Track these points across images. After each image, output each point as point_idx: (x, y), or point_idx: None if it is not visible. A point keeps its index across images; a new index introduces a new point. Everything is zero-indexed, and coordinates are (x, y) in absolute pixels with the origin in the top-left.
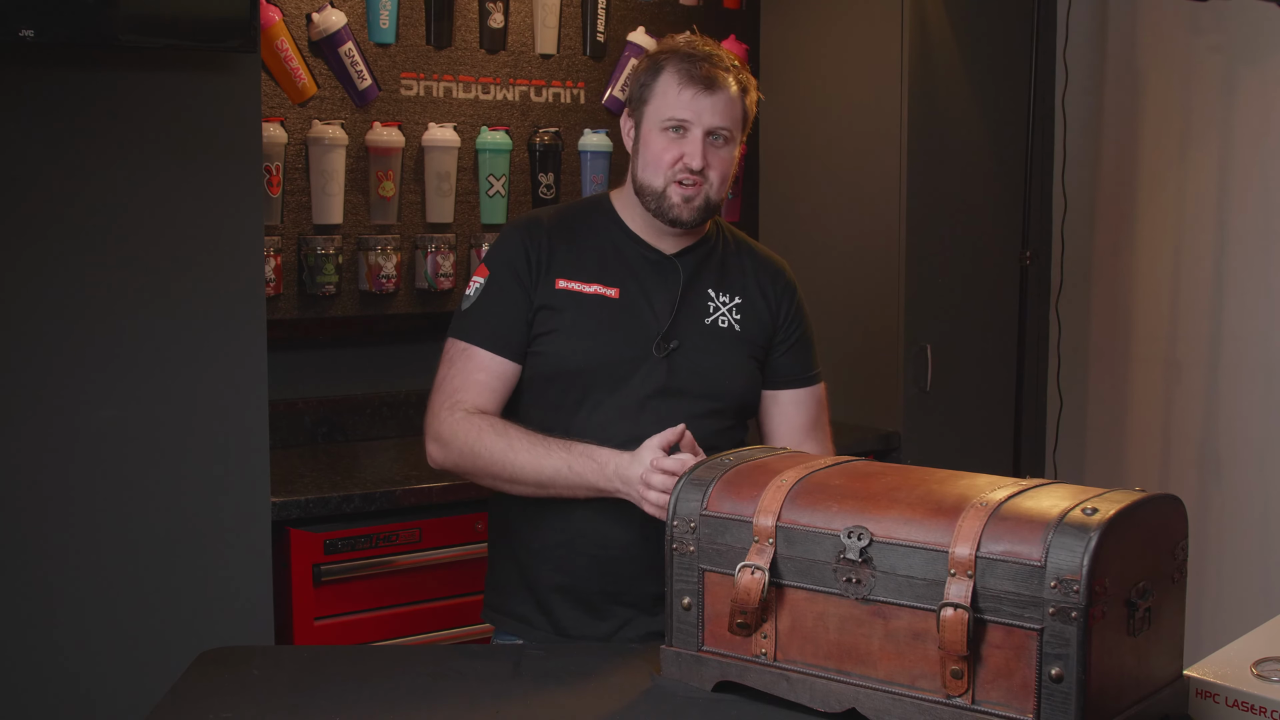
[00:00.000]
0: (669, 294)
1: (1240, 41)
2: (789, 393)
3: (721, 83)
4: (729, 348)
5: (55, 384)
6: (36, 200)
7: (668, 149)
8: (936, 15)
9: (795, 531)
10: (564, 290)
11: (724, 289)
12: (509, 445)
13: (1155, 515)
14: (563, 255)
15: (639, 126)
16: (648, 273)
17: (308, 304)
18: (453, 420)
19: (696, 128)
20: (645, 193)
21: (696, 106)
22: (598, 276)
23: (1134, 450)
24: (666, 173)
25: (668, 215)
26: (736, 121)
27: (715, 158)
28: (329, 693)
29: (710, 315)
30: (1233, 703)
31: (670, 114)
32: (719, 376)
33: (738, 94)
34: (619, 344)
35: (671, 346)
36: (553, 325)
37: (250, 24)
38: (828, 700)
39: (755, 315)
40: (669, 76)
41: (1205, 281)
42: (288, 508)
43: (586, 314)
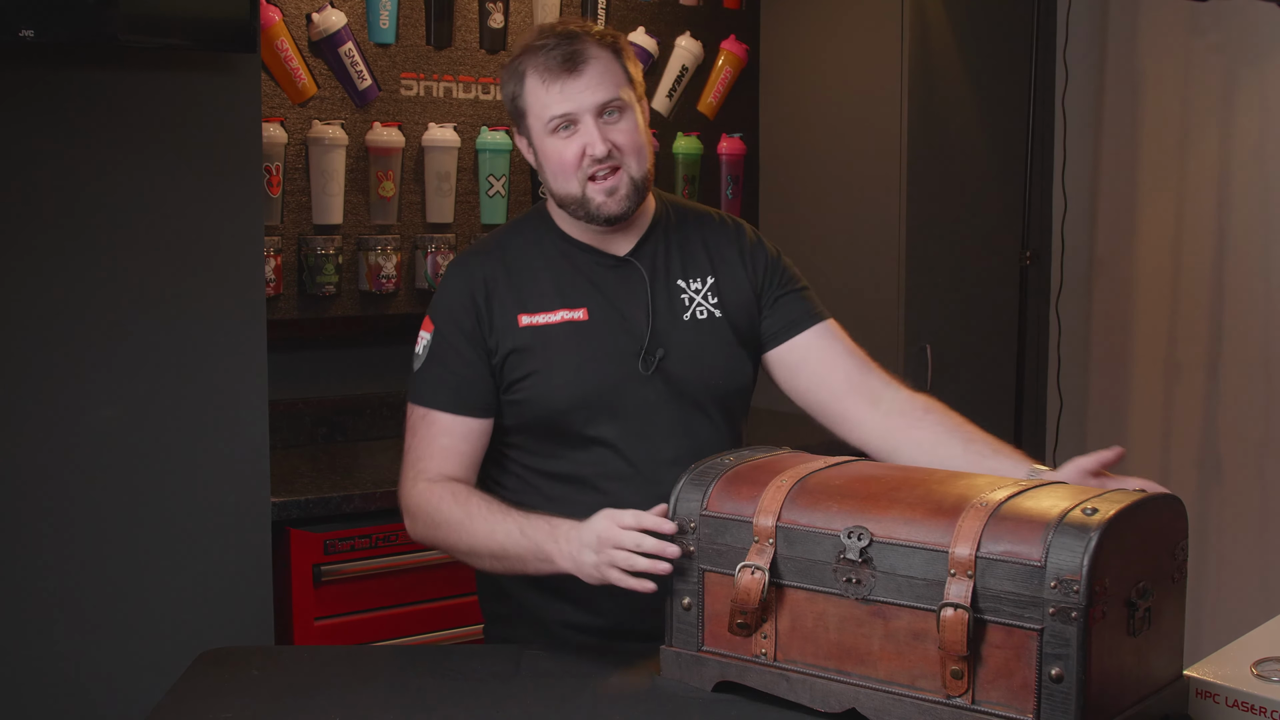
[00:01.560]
0: (638, 300)
1: (1240, 41)
2: (807, 334)
3: (585, 56)
4: (715, 342)
5: (55, 384)
6: (36, 200)
7: (566, 149)
8: (936, 15)
9: (795, 531)
10: (529, 327)
11: (692, 274)
12: (466, 514)
13: (1155, 515)
14: (516, 288)
15: (531, 141)
16: (609, 282)
17: (308, 304)
18: (416, 492)
19: (583, 113)
20: (568, 203)
21: (570, 93)
22: (560, 301)
23: (1134, 450)
24: (576, 174)
25: (600, 217)
26: (621, 85)
27: (617, 133)
28: (329, 693)
29: (687, 309)
30: (1233, 703)
31: (549, 114)
32: (716, 374)
33: (609, 58)
34: (604, 369)
35: (659, 357)
36: (528, 367)
37: (250, 24)
38: (828, 700)
39: (732, 289)
40: (532, 78)
41: (1205, 281)
42: (288, 508)
43: (560, 346)
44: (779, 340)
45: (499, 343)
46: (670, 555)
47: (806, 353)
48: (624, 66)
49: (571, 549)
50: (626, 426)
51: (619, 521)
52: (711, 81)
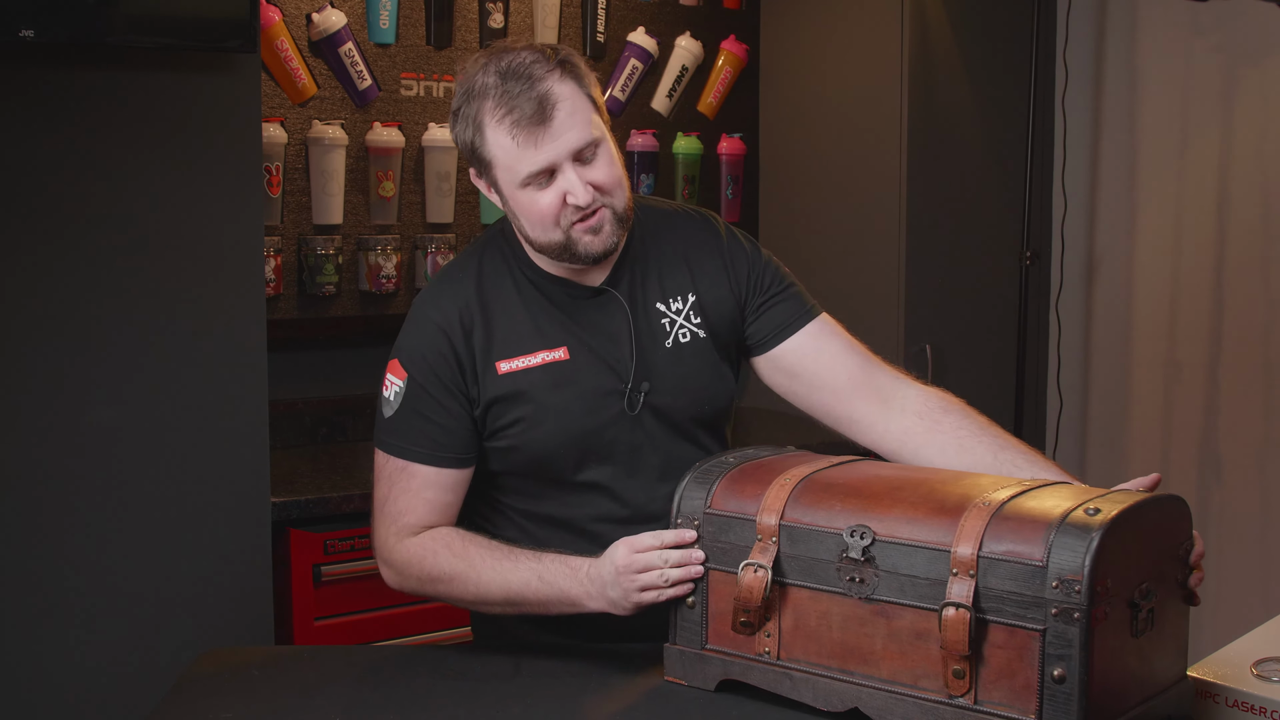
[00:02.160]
0: (620, 332)
1: (1240, 41)
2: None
3: (554, 99)
4: (699, 361)
5: (55, 384)
6: (36, 200)
7: (544, 199)
8: (936, 15)
9: (798, 530)
10: (510, 373)
11: (671, 294)
12: (469, 565)
13: (1159, 516)
14: (492, 332)
15: (499, 190)
16: (588, 316)
17: (308, 304)
18: (402, 548)
19: (561, 162)
20: (550, 250)
21: (544, 144)
22: (537, 342)
23: (1134, 450)
24: (561, 223)
25: (587, 258)
26: (591, 119)
27: (596, 173)
28: (329, 693)
29: (669, 334)
30: (1233, 703)
31: (525, 171)
32: (702, 399)
33: (573, 89)
34: (590, 411)
35: (644, 392)
36: (513, 414)
37: (250, 24)
38: (830, 699)
39: (714, 302)
40: (495, 131)
41: (1205, 281)
42: (288, 508)
43: (543, 389)
44: (769, 346)
45: (481, 392)
46: (697, 560)
47: (801, 355)
48: (587, 93)
49: (597, 589)
50: (617, 468)
51: (637, 547)
52: (711, 81)
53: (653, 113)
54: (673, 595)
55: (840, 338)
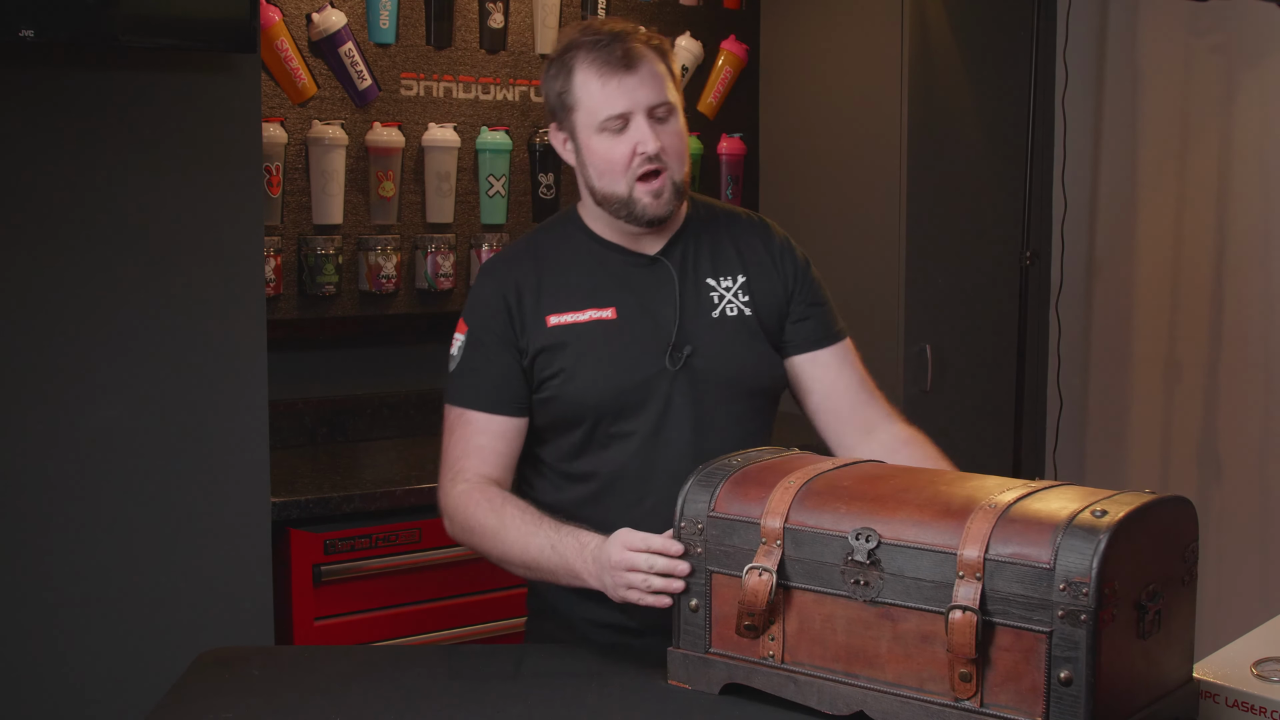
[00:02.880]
0: (667, 298)
1: (1240, 42)
2: (822, 353)
3: (640, 56)
4: (744, 337)
5: (56, 384)
6: (36, 200)
7: (616, 148)
8: (936, 15)
9: (803, 533)
10: (557, 326)
11: (722, 273)
12: (500, 524)
13: (1165, 517)
14: (546, 289)
15: (575, 137)
16: (639, 282)
17: (308, 304)
18: (455, 493)
19: (636, 113)
20: (610, 202)
21: (626, 89)
22: (589, 301)
23: (1134, 450)
24: (626, 174)
25: (642, 218)
26: (670, 89)
27: (665, 135)
28: (329, 693)
29: (717, 307)
30: (1233, 703)
31: (605, 111)
32: (743, 371)
33: (658, 59)
34: (631, 366)
35: (685, 354)
36: (556, 366)
37: (250, 24)
38: (835, 703)
39: (763, 289)
40: (585, 73)
41: (1205, 281)
42: (288, 508)
43: (588, 344)
44: (790, 353)
45: (529, 343)
46: (681, 574)
47: (822, 371)
48: (668, 66)
49: (596, 570)
50: (651, 424)
51: (630, 545)
52: (711, 81)
53: None
54: (651, 603)
55: (852, 369)
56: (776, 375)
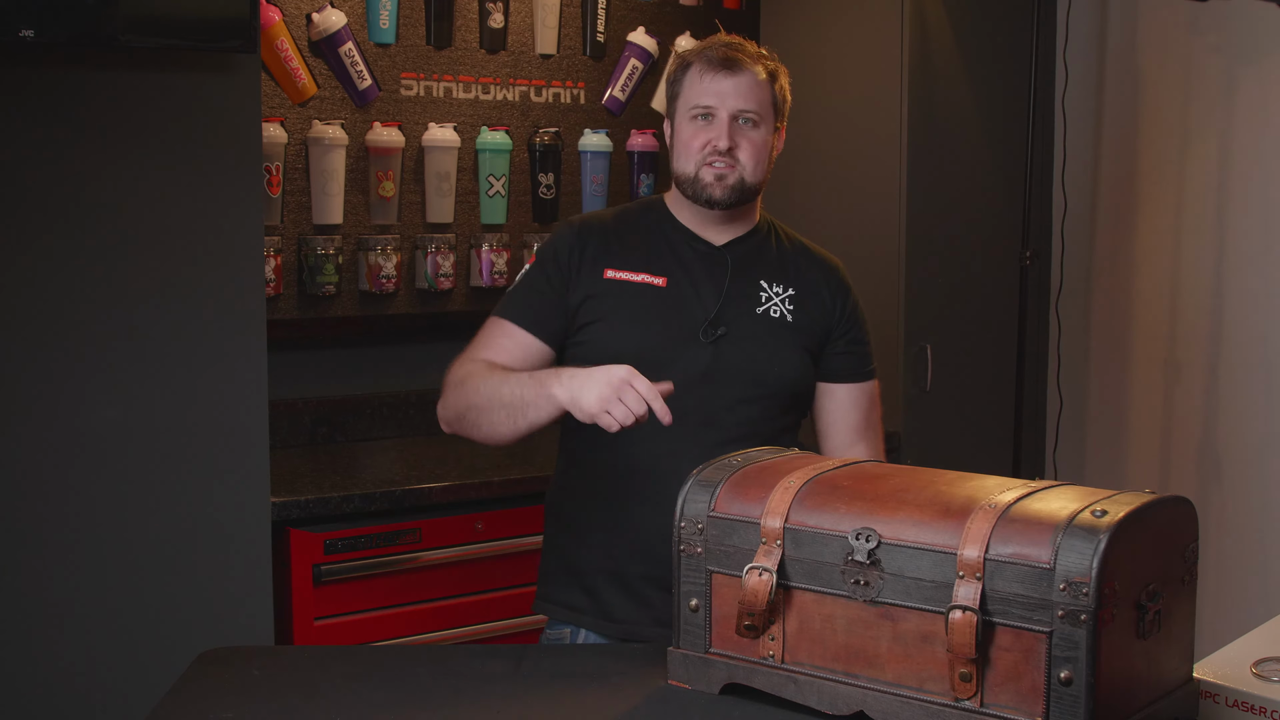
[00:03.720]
0: (717, 284)
1: (1240, 41)
2: (844, 388)
3: (744, 65)
4: (780, 337)
5: (56, 384)
6: (36, 200)
7: (696, 135)
8: (936, 15)
9: (803, 533)
10: (611, 279)
11: (777, 280)
12: (490, 372)
13: (1165, 517)
14: (612, 248)
15: (673, 122)
16: (696, 263)
17: (308, 304)
18: (457, 365)
19: (722, 111)
20: (681, 181)
21: (719, 89)
22: (645, 266)
23: (1134, 450)
24: (696, 157)
25: (702, 196)
26: (764, 104)
27: (744, 139)
28: (329, 693)
29: (762, 305)
30: (1233, 703)
31: (696, 101)
32: (767, 364)
33: (764, 78)
34: (665, 330)
35: (719, 333)
36: (599, 313)
37: (250, 24)
38: (835, 703)
39: (810, 309)
40: (695, 69)
41: (1205, 281)
42: (288, 508)
43: (633, 301)
44: (823, 379)
45: (581, 288)
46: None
47: (839, 403)
48: (773, 91)
49: (574, 382)
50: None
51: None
52: None
53: (653, 113)
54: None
55: (865, 411)
56: (805, 383)
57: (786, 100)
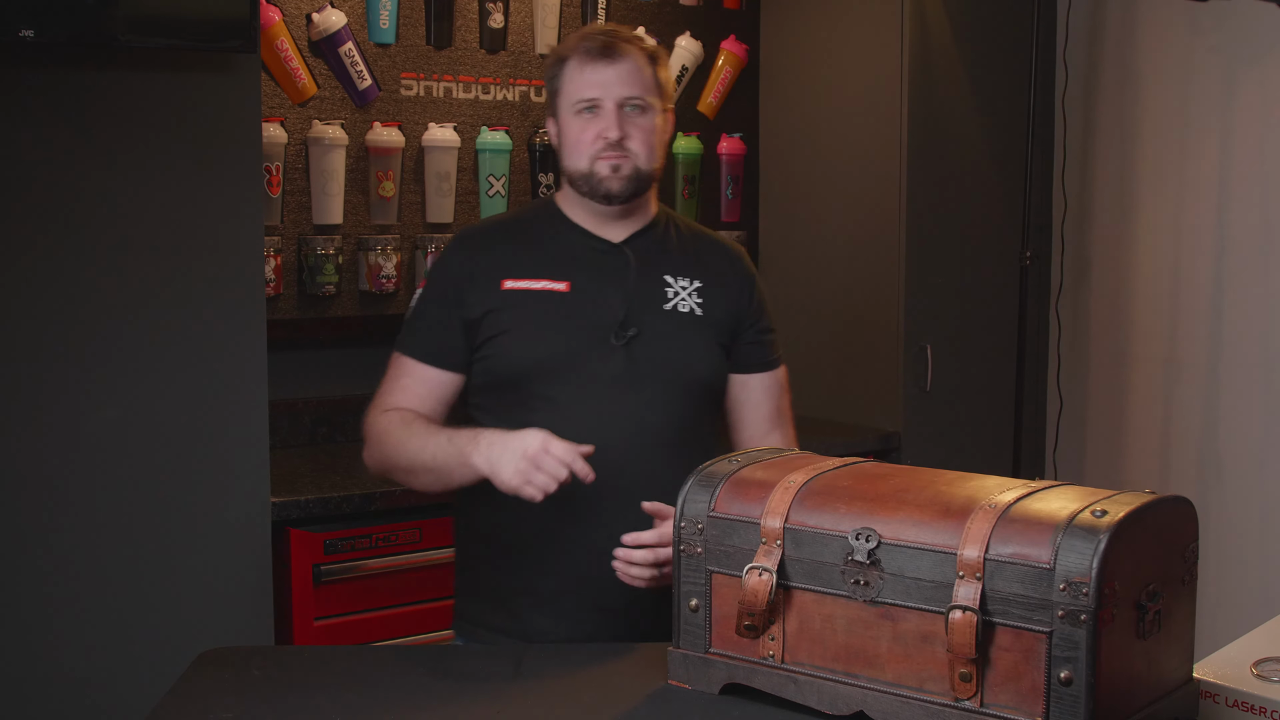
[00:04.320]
0: (622, 283)
1: (1240, 41)
2: (755, 378)
3: (623, 52)
4: (691, 332)
5: (56, 384)
6: (36, 200)
7: (584, 129)
8: (936, 15)
9: (803, 533)
10: (511, 290)
11: (681, 274)
12: (408, 433)
13: (1165, 517)
14: (507, 257)
15: (558, 120)
16: (597, 264)
17: (308, 304)
18: (373, 419)
19: (607, 100)
20: (575, 178)
21: (601, 79)
22: (545, 272)
23: (1134, 450)
24: (588, 151)
25: (599, 191)
26: (649, 89)
27: (633, 127)
28: (329, 693)
29: (669, 301)
30: (1233, 703)
31: (579, 95)
32: (682, 362)
33: (644, 62)
34: (573, 337)
35: (630, 334)
36: (503, 325)
37: (250, 24)
38: (835, 703)
39: (718, 300)
40: (573, 62)
41: (1205, 281)
42: (288, 508)
43: (536, 310)
44: (736, 371)
45: (479, 302)
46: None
47: (752, 393)
48: (656, 74)
49: (492, 454)
50: (578, 392)
51: (549, 448)
52: (711, 81)
53: None
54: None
55: (774, 401)
56: (719, 374)
57: (670, 82)
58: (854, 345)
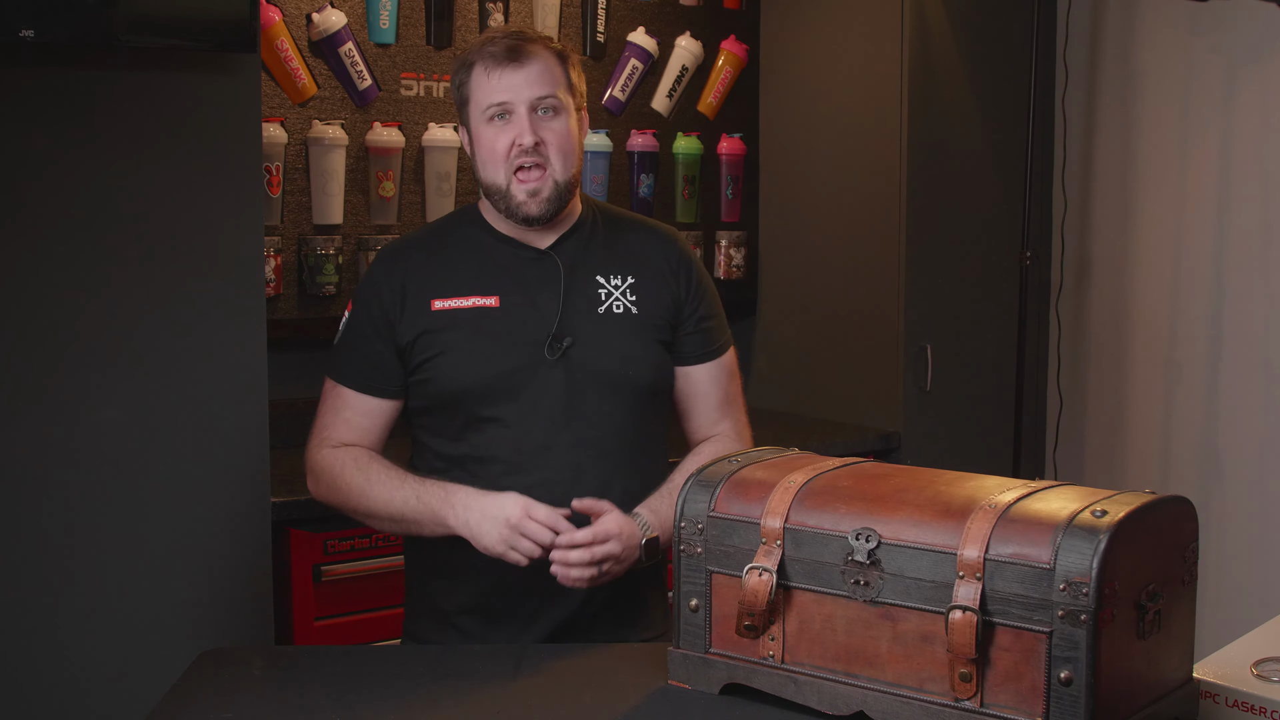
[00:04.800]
0: (552, 291)
1: (1240, 41)
2: (699, 368)
3: (530, 53)
4: (628, 334)
5: (56, 384)
6: (36, 200)
7: (497, 138)
8: (936, 15)
9: (803, 533)
10: (440, 310)
11: (613, 272)
12: (366, 480)
13: (1165, 517)
14: (433, 275)
15: (469, 129)
16: (526, 273)
17: (308, 304)
18: (321, 456)
19: (519, 105)
20: (492, 193)
21: (510, 83)
22: (473, 288)
23: (1134, 450)
24: (505, 164)
25: (518, 215)
26: (560, 87)
27: (548, 131)
28: (329, 693)
29: (603, 304)
30: (1233, 703)
31: (488, 100)
32: (621, 368)
33: (553, 60)
34: (508, 353)
35: (565, 345)
36: (435, 349)
37: (250, 24)
38: (835, 703)
39: (653, 293)
40: (479, 68)
41: (1205, 281)
42: (288, 508)
43: (468, 329)
44: (680, 363)
45: (410, 326)
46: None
47: (697, 384)
48: (567, 73)
49: (470, 518)
50: (522, 410)
51: (532, 514)
52: (711, 81)
53: (653, 113)
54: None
55: (721, 387)
56: (662, 373)
57: (582, 80)
58: (854, 345)
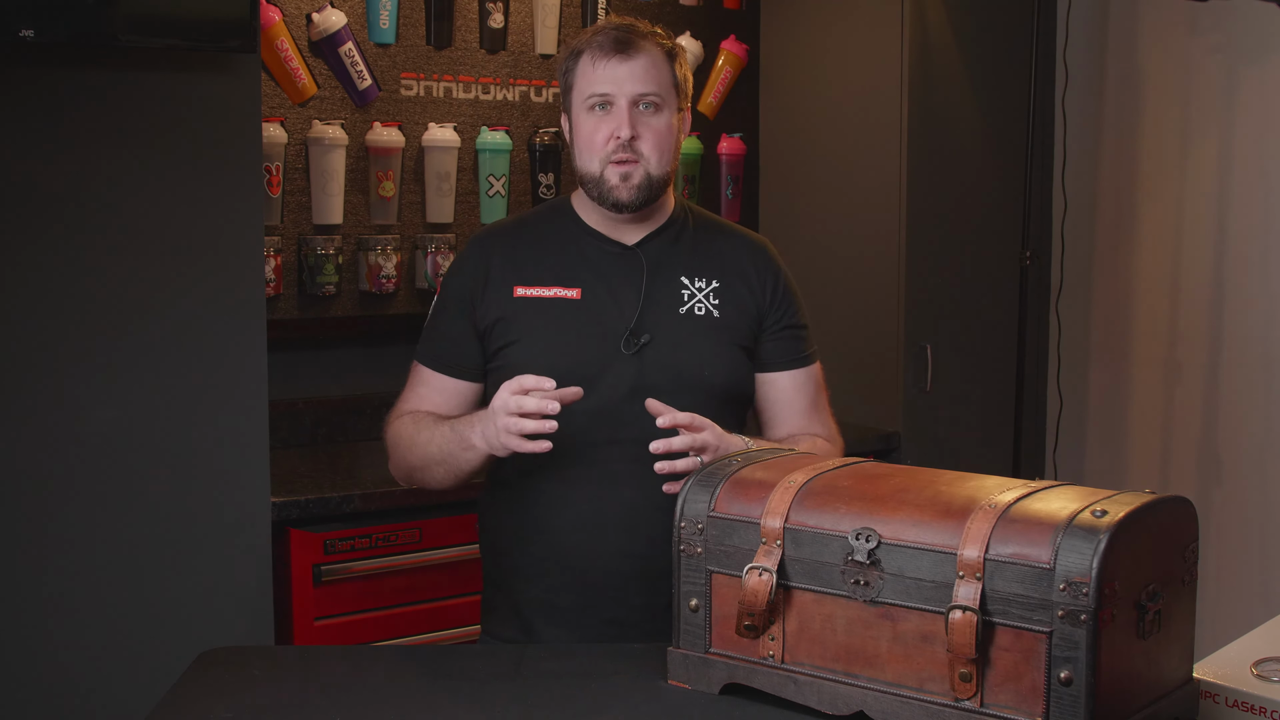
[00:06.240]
0: (635, 288)
1: (1240, 41)
2: (785, 375)
3: (639, 48)
4: (706, 337)
5: (55, 384)
6: (36, 200)
7: (596, 128)
8: (936, 15)
9: (803, 533)
10: (522, 298)
11: (698, 274)
12: (417, 430)
13: (1165, 517)
14: (519, 263)
15: (570, 116)
16: (610, 268)
17: (308, 304)
18: (389, 429)
19: (620, 98)
20: (586, 181)
21: (614, 75)
22: (557, 279)
23: (1134, 450)
24: (600, 153)
25: (608, 199)
26: (665, 86)
27: (646, 127)
28: (329, 693)
29: (685, 304)
30: (1233, 703)
31: (591, 90)
32: (696, 369)
33: (661, 58)
34: (584, 345)
35: (642, 341)
36: (513, 335)
37: (250, 24)
38: (835, 703)
39: (737, 299)
40: (587, 56)
41: (1205, 281)
42: (288, 508)
43: (548, 318)
44: (761, 369)
45: (490, 309)
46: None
47: (780, 393)
48: (673, 70)
49: (484, 429)
50: (598, 407)
51: (507, 388)
52: (711, 81)
53: None
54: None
55: (808, 395)
56: (739, 377)
57: (688, 80)
58: (854, 345)
